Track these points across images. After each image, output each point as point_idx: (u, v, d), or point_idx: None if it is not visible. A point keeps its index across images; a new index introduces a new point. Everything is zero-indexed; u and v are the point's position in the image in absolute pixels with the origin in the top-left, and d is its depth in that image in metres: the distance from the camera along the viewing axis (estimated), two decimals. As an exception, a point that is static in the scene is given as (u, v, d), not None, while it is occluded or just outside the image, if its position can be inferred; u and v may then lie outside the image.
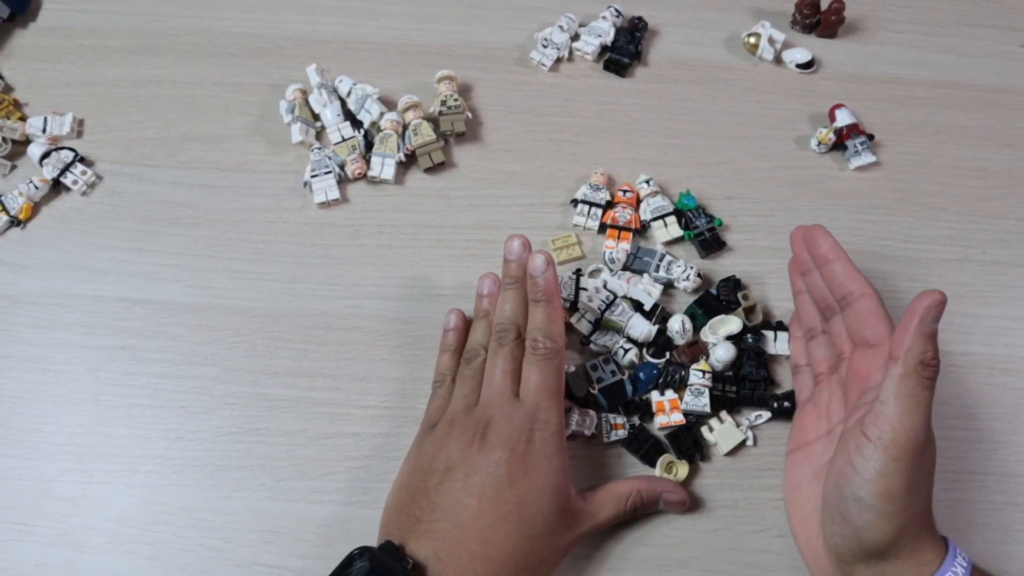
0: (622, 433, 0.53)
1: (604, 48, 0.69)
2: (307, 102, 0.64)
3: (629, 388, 0.54)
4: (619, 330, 0.56)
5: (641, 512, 0.50)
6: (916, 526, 0.42)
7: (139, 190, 0.62)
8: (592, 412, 0.53)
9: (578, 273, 0.58)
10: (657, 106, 0.67)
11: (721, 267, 0.60)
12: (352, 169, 0.61)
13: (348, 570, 0.41)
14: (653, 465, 0.52)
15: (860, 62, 0.70)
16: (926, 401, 0.42)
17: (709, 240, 0.59)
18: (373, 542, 0.44)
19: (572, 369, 0.55)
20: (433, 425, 0.49)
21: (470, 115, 0.64)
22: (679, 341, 0.55)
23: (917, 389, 0.42)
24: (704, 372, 0.54)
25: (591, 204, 0.60)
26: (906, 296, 0.59)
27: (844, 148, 0.64)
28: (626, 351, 0.55)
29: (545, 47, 0.68)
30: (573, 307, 0.57)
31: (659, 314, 0.56)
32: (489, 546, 0.43)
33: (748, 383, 0.54)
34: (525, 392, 0.48)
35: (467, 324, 0.55)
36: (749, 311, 0.56)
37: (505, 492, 0.44)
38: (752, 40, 0.68)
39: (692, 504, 0.52)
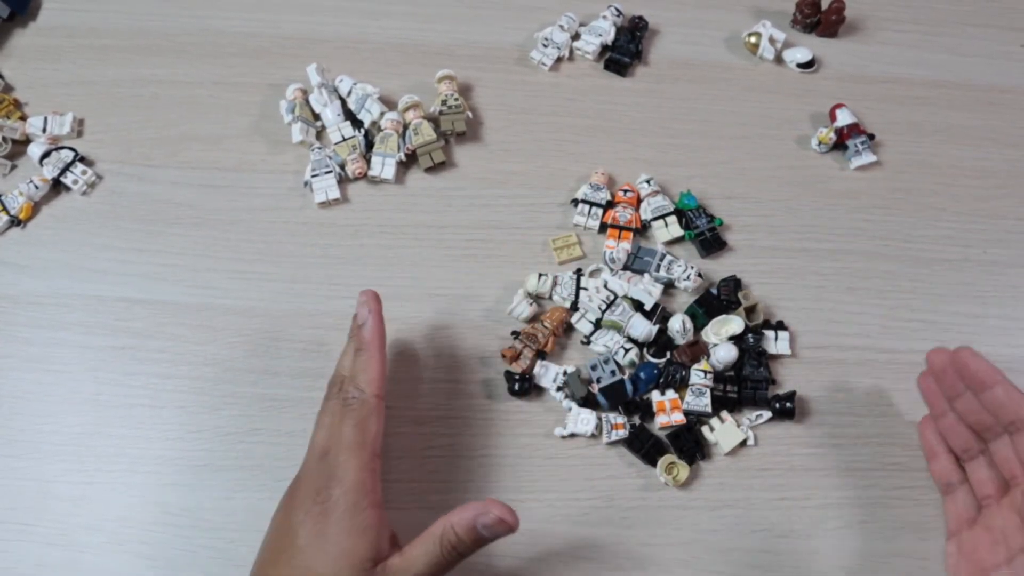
0: (623, 433, 0.53)
1: (605, 48, 0.69)
2: (307, 102, 0.64)
3: (630, 388, 0.54)
4: (620, 330, 0.56)
5: (465, 550, 0.42)
6: None
7: (139, 190, 0.62)
8: (592, 412, 0.53)
9: (579, 273, 0.58)
10: (658, 106, 0.67)
11: (722, 267, 0.60)
12: (352, 169, 0.61)
13: None
14: (654, 464, 0.52)
15: (861, 62, 0.70)
16: None
17: (710, 240, 0.59)
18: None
19: (572, 369, 0.55)
20: None
21: (470, 115, 0.64)
22: (680, 341, 0.55)
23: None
24: (705, 372, 0.54)
25: (592, 204, 0.60)
26: (907, 295, 0.59)
27: (845, 148, 0.64)
28: (627, 351, 0.55)
29: (545, 46, 0.68)
30: (573, 307, 0.57)
31: (659, 314, 0.56)
32: None
33: (749, 383, 0.54)
34: (331, 447, 0.45)
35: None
36: (750, 311, 0.56)
37: (296, 558, 0.41)
38: (753, 40, 0.68)
39: (692, 504, 0.52)
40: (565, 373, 0.54)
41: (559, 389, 0.54)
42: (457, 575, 0.49)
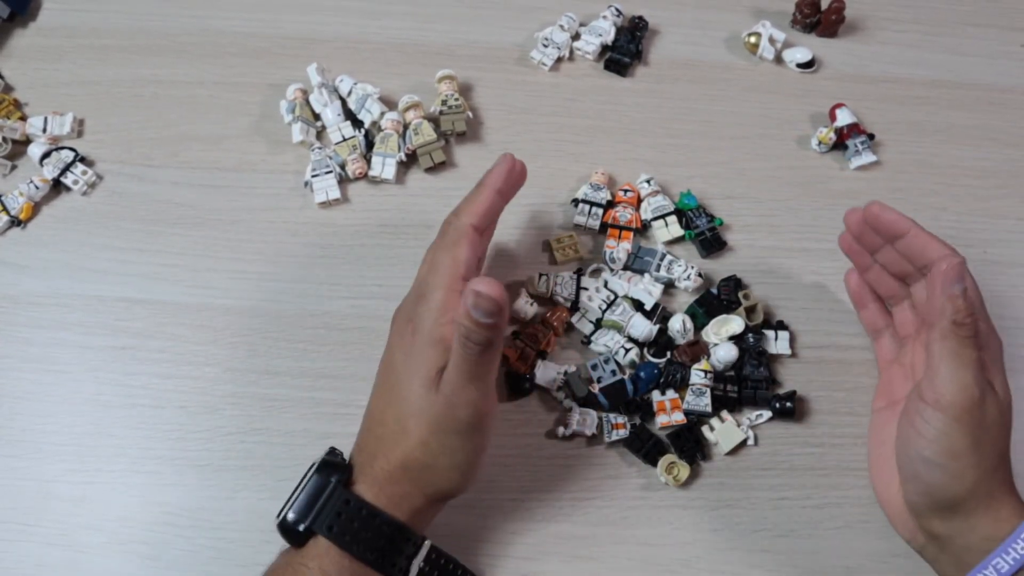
0: (623, 433, 0.53)
1: (605, 48, 0.69)
2: (308, 102, 0.64)
3: (630, 388, 0.54)
4: (620, 330, 0.56)
5: (478, 337, 0.41)
6: (989, 482, 0.44)
7: (139, 190, 0.62)
8: (592, 412, 0.53)
9: (579, 272, 0.58)
10: (658, 106, 0.67)
11: (722, 267, 0.60)
12: (353, 169, 0.61)
13: (304, 477, 0.45)
14: (654, 464, 0.52)
15: (860, 62, 0.70)
16: (971, 358, 0.44)
17: (710, 240, 0.59)
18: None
19: (573, 369, 0.55)
20: None
21: (471, 115, 0.64)
22: (680, 341, 0.55)
23: (959, 348, 0.44)
24: (705, 372, 0.54)
25: (592, 204, 0.60)
26: (907, 296, 0.59)
27: (845, 148, 0.64)
28: (627, 351, 0.55)
29: (546, 47, 0.68)
30: (574, 307, 0.57)
31: (659, 314, 0.56)
32: (380, 427, 0.45)
33: (749, 383, 0.54)
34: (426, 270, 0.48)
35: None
36: (750, 311, 0.56)
37: (392, 376, 0.46)
38: (752, 40, 0.69)
39: (693, 504, 0.52)
40: (566, 373, 0.54)
41: (559, 388, 0.54)
42: None
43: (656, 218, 0.60)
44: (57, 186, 0.61)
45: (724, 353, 0.54)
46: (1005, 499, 0.44)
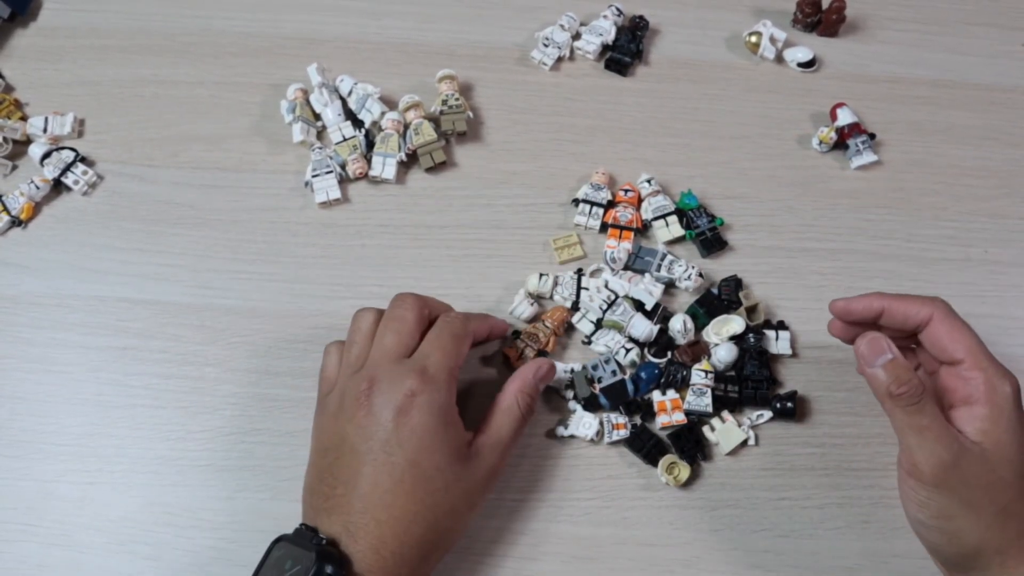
0: (624, 433, 0.53)
1: (605, 47, 0.69)
2: (308, 102, 0.64)
3: (631, 388, 0.54)
4: (621, 330, 0.56)
5: (535, 405, 0.51)
6: (996, 538, 0.42)
7: (140, 190, 0.62)
8: (594, 416, 0.53)
9: (580, 273, 0.58)
10: (658, 105, 0.67)
11: (722, 267, 0.60)
12: (353, 169, 0.61)
13: (266, 559, 0.42)
14: (655, 464, 0.52)
15: (861, 61, 0.70)
16: (922, 424, 0.42)
17: (710, 239, 0.59)
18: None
19: (579, 367, 0.55)
20: (326, 395, 0.49)
21: (471, 114, 0.64)
22: (681, 341, 0.55)
23: (908, 418, 0.42)
24: (706, 372, 0.54)
25: (592, 204, 0.60)
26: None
27: (845, 147, 0.64)
28: (628, 351, 0.55)
29: (546, 46, 0.68)
30: (575, 307, 0.57)
31: (660, 314, 0.56)
32: (392, 510, 0.43)
33: (750, 383, 0.54)
34: (418, 350, 0.48)
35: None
36: (751, 311, 0.56)
37: (396, 455, 0.44)
38: (753, 39, 0.68)
39: (693, 504, 0.52)
40: (572, 371, 0.54)
41: (567, 387, 0.54)
42: (457, 574, 0.50)
43: (657, 218, 0.60)
44: (58, 186, 0.61)
45: (725, 353, 0.54)
46: (1020, 555, 0.42)
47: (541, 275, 0.57)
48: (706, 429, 0.54)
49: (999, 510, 0.42)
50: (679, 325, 0.55)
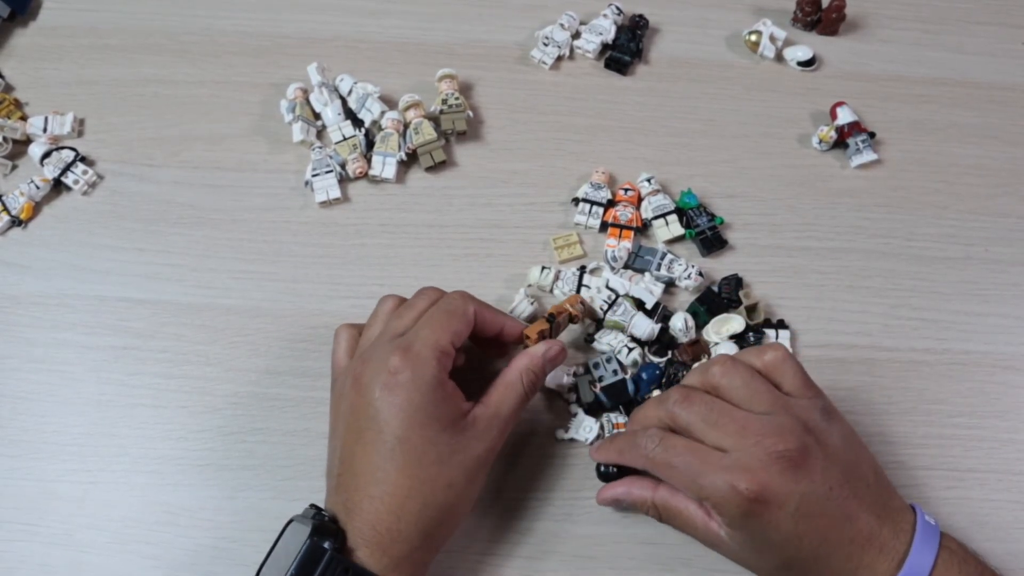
0: (624, 432, 0.53)
1: (605, 46, 0.69)
2: (308, 101, 0.64)
3: (631, 388, 0.54)
4: (622, 329, 0.56)
5: (539, 384, 0.49)
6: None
7: (140, 190, 0.62)
8: (594, 423, 0.53)
9: (582, 270, 0.58)
10: (658, 104, 0.66)
11: (723, 266, 0.60)
12: (353, 168, 0.61)
13: (279, 540, 0.43)
14: (655, 464, 0.52)
15: (861, 60, 0.70)
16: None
17: (710, 239, 0.59)
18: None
19: (582, 371, 0.55)
20: (335, 379, 0.50)
21: (471, 114, 0.64)
22: (682, 339, 0.55)
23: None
24: (706, 371, 0.54)
25: (592, 203, 0.60)
26: (908, 294, 0.59)
27: (845, 146, 0.64)
28: (629, 350, 0.55)
29: (546, 45, 0.68)
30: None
31: (660, 313, 0.56)
32: (385, 486, 0.43)
33: (750, 382, 0.54)
34: (411, 330, 0.47)
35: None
36: (751, 310, 0.56)
37: (385, 432, 0.44)
38: (753, 38, 0.68)
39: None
40: (575, 375, 0.54)
41: (570, 390, 0.54)
42: (457, 574, 0.50)
43: (657, 217, 0.60)
44: (58, 186, 0.61)
45: (725, 352, 0.54)
46: None
47: (543, 268, 0.57)
48: (706, 428, 0.54)
49: (801, 572, 0.44)
50: (680, 324, 0.55)
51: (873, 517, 0.43)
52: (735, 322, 0.55)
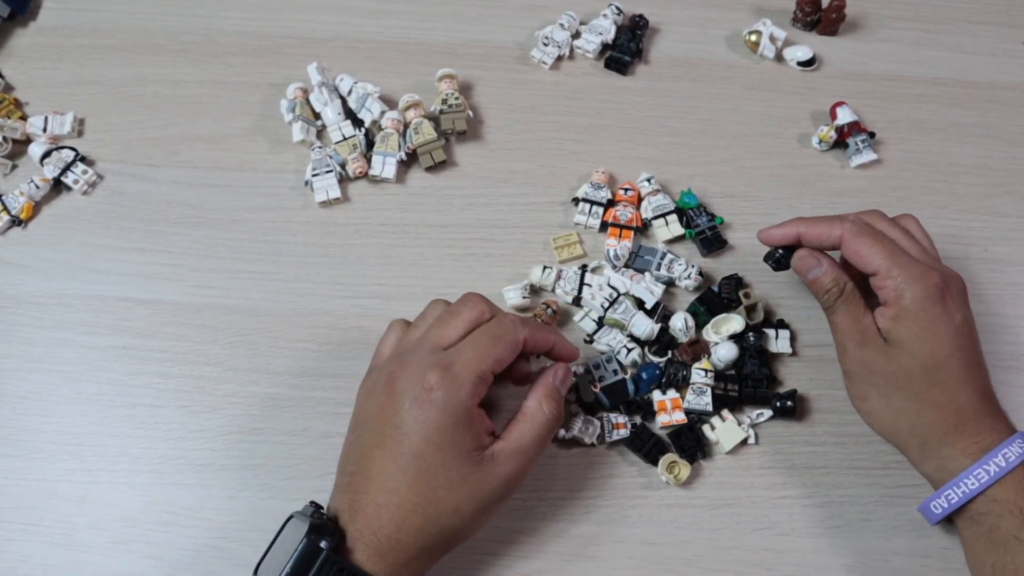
0: (624, 432, 0.53)
1: (605, 46, 0.69)
2: (308, 101, 0.64)
3: (631, 387, 0.54)
4: (622, 328, 0.56)
5: (561, 407, 0.48)
6: (937, 427, 0.48)
7: (140, 189, 0.62)
8: (596, 421, 0.53)
9: (584, 269, 0.58)
10: (658, 104, 0.67)
11: (722, 266, 0.60)
12: (353, 168, 0.61)
13: (278, 537, 0.43)
14: (655, 464, 0.52)
15: (861, 60, 0.70)
16: (835, 322, 0.51)
17: (710, 238, 0.59)
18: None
19: (582, 371, 0.55)
20: (372, 370, 0.50)
21: (471, 114, 0.64)
22: (682, 339, 0.55)
23: (829, 316, 0.53)
24: (706, 371, 0.54)
25: (592, 203, 0.60)
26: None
27: (845, 146, 0.64)
28: (629, 350, 0.55)
29: (546, 45, 0.68)
30: (576, 302, 0.57)
31: (660, 312, 0.56)
32: (392, 496, 0.43)
33: (750, 382, 0.54)
34: (456, 346, 0.46)
35: None
36: (751, 309, 0.56)
37: (404, 444, 0.44)
38: (753, 38, 0.68)
39: (694, 503, 0.52)
40: (575, 375, 0.54)
41: (571, 390, 0.54)
42: (456, 574, 0.50)
43: (657, 217, 0.60)
44: (58, 185, 0.61)
45: (725, 352, 0.54)
46: (959, 441, 0.47)
47: (544, 267, 0.57)
48: (706, 428, 0.54)
49: (909, 396, 0.48)
50: (680, 323, 0.55)
51: (985, 394, 0.49)
52: (735, 322, 0.55)
